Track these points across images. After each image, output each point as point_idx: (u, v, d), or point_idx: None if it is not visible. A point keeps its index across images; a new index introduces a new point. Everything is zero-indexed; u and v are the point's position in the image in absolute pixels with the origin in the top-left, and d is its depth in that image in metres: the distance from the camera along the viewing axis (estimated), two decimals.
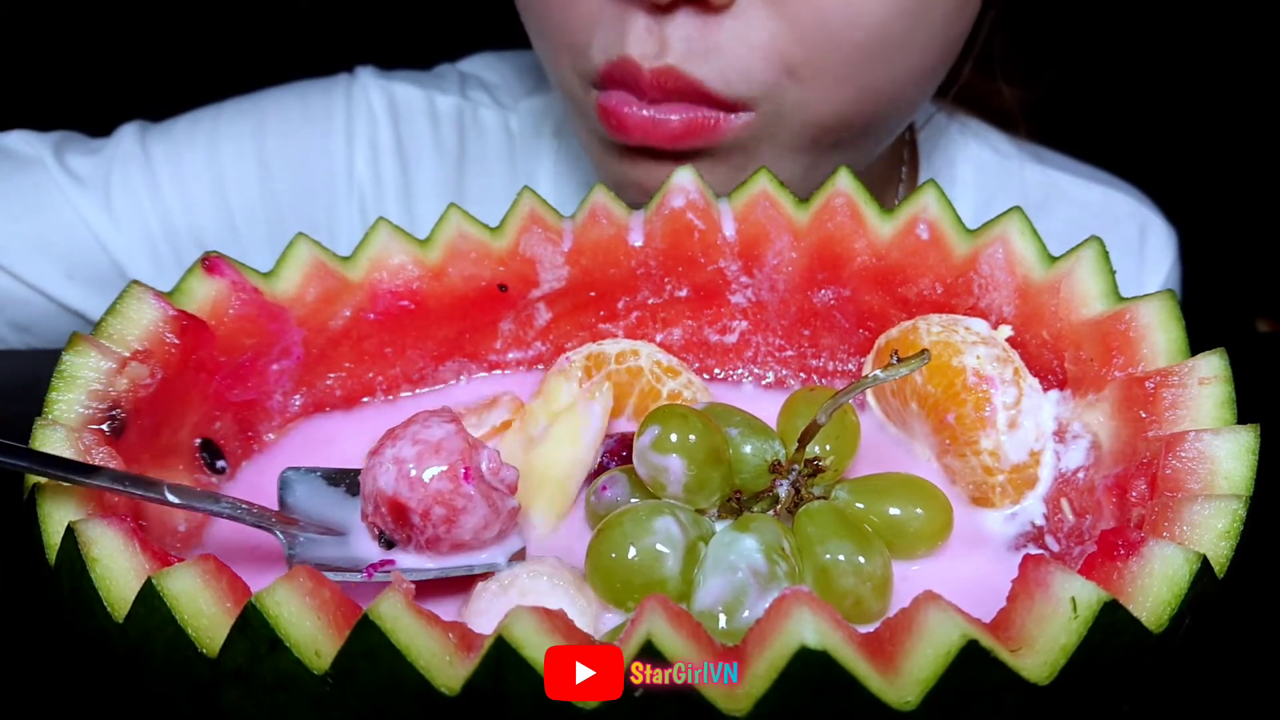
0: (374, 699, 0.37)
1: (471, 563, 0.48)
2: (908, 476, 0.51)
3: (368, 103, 0.95)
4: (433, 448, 0.47)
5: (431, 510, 0.46)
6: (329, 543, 0.48)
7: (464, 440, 0.48)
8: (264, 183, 0.92)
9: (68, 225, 0.88)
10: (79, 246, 0.88)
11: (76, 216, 0.88)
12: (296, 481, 0.51)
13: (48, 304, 0.88)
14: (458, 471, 0.46)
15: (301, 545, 0.47)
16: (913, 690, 0.35)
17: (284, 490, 0.50)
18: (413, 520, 0.46)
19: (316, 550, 0.47)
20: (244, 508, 0.47)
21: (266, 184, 0.92)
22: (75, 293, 0.88)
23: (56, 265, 0.88)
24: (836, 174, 0.59)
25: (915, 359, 0.47)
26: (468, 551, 0.48)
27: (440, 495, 0.46)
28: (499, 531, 0.48)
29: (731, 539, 0.45)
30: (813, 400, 0.53)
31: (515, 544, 0.50)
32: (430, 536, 0.47)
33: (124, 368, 0.49)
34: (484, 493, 0.47)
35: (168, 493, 0.45)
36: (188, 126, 0.93)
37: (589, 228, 0.60)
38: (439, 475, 0.46)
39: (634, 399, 0.58)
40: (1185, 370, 0.48)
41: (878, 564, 0.45)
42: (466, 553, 0.48)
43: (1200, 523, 0.42)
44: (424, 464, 0.46)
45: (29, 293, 0.87)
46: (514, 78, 1.01)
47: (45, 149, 0.89)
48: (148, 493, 0.45)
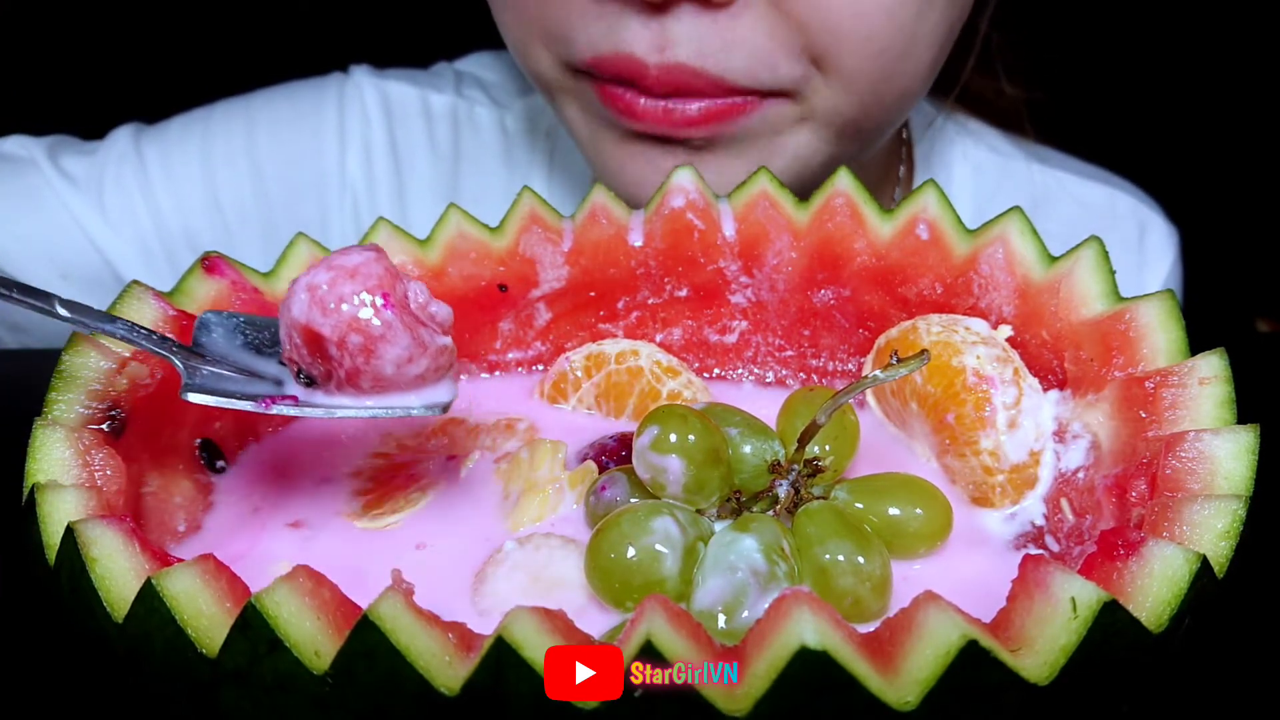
0: (374, 699, 0.37)
1: (397, 404, 0.45)
2: (907, 476, 0.51)
3: (361, 102, 0.95)
4: (348, 272, 0.44)
5: (348, 338, 0.43)
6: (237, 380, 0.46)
7: (383, 267, 0.44)
8: (256, 183, 0.92)
9: (62, 226, 0.88)
10: (73, 247, 0.88)
11: (70, 218, 0.88)
12: (215, 324, 0.48)
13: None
14: (375, 296, 0.43)
15: (204, 377, 0.45)
16: (912, 690, 0.35)
17: (200, 331, 0.48)
18: (329, 351, 0.43)
19: (219, 383, 0.45)
20: (141, 330, 0.45)
21: (259, 184, 0.92)
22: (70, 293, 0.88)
23: (51, 266, 0.88)
24: (836, 174, 0.59)
25: (915, 359, 0.47)
26: (394, 392, 0.45)
27: (356, 322, 0.43)
28: (428, 369, 0.45)
29: (731, 539, 0.45)
30: (812, 400, 0.53)
31: (445, 392, 0.46)
32: (350, 369, 0.44)
33: (124, 368, 0.49)
34: (407, 323, 0.44)
35: (58, 306, 0.44)
36: (180, 128, 0.93)
37: (589, 228, 0.60)
38: (354, 300, 0.43)
39: (634, 399, 0.58)
40: (1185, 370, 0.48)
41: (877, 564, 0.45)
42: (393, 393, 0.45)
43: (1200, 523, 0.42)
44: (338, 289, 0.43)
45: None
46: (511, 76, 1.01)
47: (39, 152, 0.89)
48: (37, 303, 0.44)
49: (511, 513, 0.52)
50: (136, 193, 0.90)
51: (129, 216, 0.89)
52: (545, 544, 0.49)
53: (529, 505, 0.51)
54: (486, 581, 0.47)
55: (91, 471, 0.45)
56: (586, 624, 0.39)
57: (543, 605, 0.37)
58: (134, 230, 0.90)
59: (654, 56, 0.66)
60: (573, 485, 0.52)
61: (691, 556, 0.45)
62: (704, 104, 0.68)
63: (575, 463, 0.54)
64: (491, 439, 0.57)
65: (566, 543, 0.49)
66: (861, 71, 0.68)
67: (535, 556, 0.48)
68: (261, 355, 0.48)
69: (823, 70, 0.68)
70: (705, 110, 0.68)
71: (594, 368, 0.59)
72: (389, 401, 0.45)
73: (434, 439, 0.58)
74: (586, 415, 0.59)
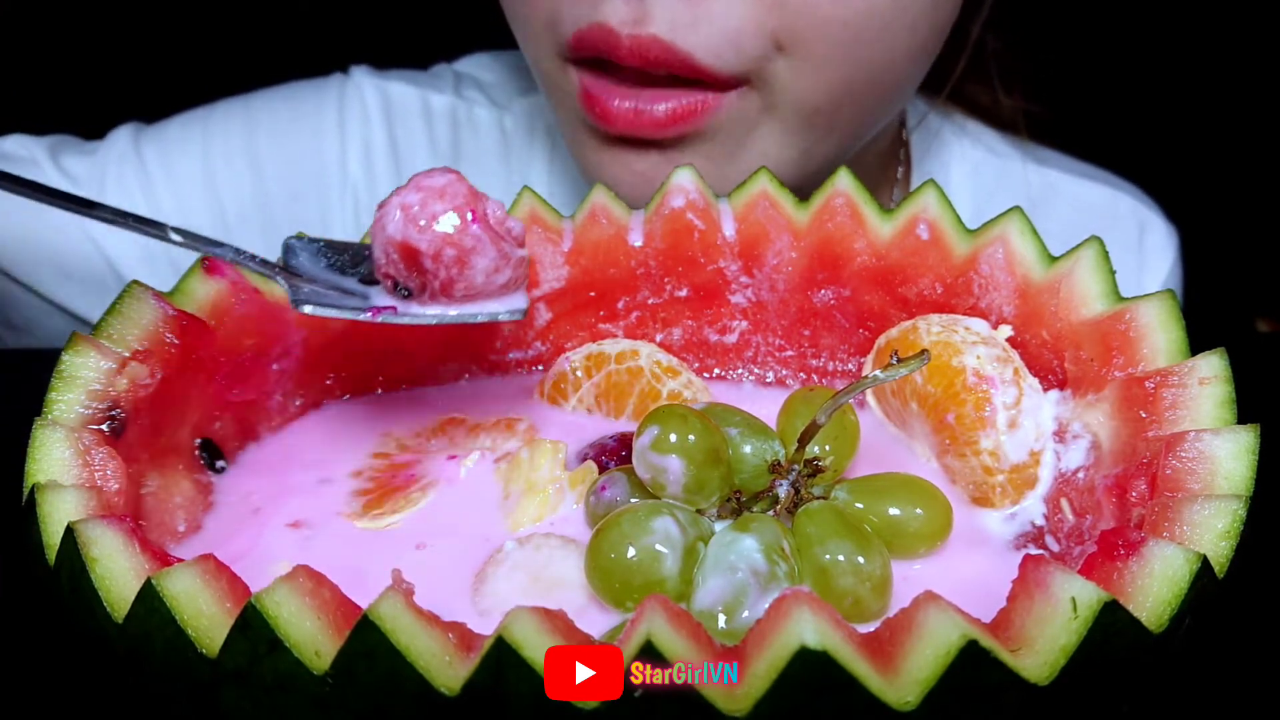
0: (374, 699, 0.37)
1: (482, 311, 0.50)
2: (908, 476, 0.51)
3: (361, 102, 0.95)
4: (437, 193, 0.48)
5: (442, 251, 0.48)
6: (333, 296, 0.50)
7: (466, 186, 0.49)
8: (256, 183, 0.92)
9: (63, 227, 0.88)
10: (74, 247, 0.88)
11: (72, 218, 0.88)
12: (300, 249, 0.52)
13: (43, 304, 0.88)
14: (465, 213, 0.48)
15: (306, 293, 0.49)
16: (912, 690, 0.35)
17: (288, 255, 0.51)
18: (425, 264, 0.48)
19: (320, 298, 0.49)
20: (248, 254, 0.48)
21: (259, 184, 0.92)
22: (71, 293, 0.88)
23: (52, 266, 0.88)
24: (836, 174, 0.59)
25: (915, 359, 0.47)
26: (482, 300, 0.49)
27: (449, 237, 0.47)
28: (510, 278, 0.50)
29: (731, 539, 0.45)
30: (812, 400, 0.53)
31: (521, 299, 0.51)
32: (445, 280, 0.48)
33: (124, 368, 0.49)
34: (491, 237, 0.48)
35: (171, 233, 0.47)
36: (180, 128, 0.93)
37: (589, 228, 0.60)
38: (446, 217, 0.47)
39: (634, 399, 0.58)
40: (1185, 370, 0.48)
41: (877, 564, 0.45)
42: (480, 300, 0.49)
43: (1200, 523, 0.42)
44: (429, 207, 0.48)
45: (24, 293, 0.88)
46: (510, 77, 1.01)
47: (40, 152, 0.89)
48: (150, 230, 0.46)
49: (512, 513, 0.52)
50: (138, 192, 0.90)
51: None
52: (545, 544, 0.49)
53: (529, 505, 0.51)
54: (487, 581, 0.47)
55: (91, 471, 0.46)
56: (586, 624, 0.39)
57: (543, 605, 0.38)
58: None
59: (628, 29, 0.67)
60: (573, 485, 0.52)
61: (692, 556, 0.45)
62: (670, 105, 0.70)
63: (575, 463, 0.54)
64: (491, 439, 0.57)
65: (566, 543, 0.49)
66: (832, 57, 0.69)
67: (535, 556, 0.48)
68: (345, 276, 0.52)
69: (788, 53, 0.68)
70: (671, 111, 0.70)
71: (594, 368, 0.59)
72: (476, 309, 0.50)
73: (434, 439, 0.58)
74: (586, 415, 0.59)
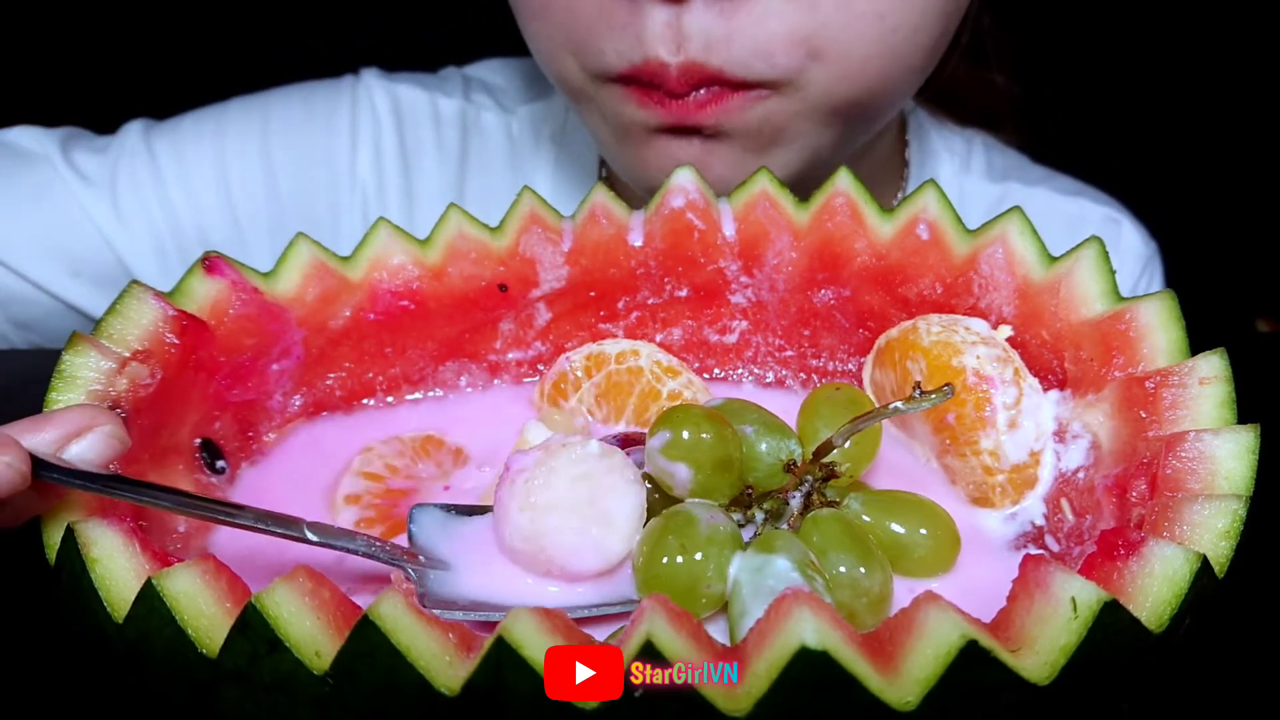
0: (374, 699, 0.37)
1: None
2: (921, 500, 0.50)
3: (372, 104, 0.95)
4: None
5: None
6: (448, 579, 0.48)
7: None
8: (268, 182, 0.92)
9: (73, 223, 0.88)
10: (84, 244, 0.88)
11: (82, 214, 0.88)
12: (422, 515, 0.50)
13: (52, 302, 0.88)
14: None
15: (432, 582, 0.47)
16: (913, 690, 0.35)
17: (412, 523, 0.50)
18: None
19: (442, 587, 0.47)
20: (378, 544, 0.47)
21: (270, 183, 0.92)
22: (80, 291, 0.88)
23: (61, 263, 0.88)
24: (836, 174, 0.59)
25: (939, 393, 0.46)
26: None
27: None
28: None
29: (761, 562, 0.44)
30: (837, 401, 0.52)
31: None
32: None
33: (124, 368, 0.49)
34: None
35: (307, 531, 0.45)
36: (193, 124, 0.93)
37: (589, 228, 0.60)
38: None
39: (634, 399, 0.58)
40: (1185, 370, 0.48)
41: (877, 580, 0.45)
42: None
43: (1200, 523, 0.42)
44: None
45: (33, 290, 0.87)
46: (519, 83, 1.01)
47: (52, 145, 0.89)
48: (288, 531, 0.45)
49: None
50: (149, 189, 0.89)
51: (141, 213, 0.89)
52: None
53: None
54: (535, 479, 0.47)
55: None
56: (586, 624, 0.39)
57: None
58: (147, 227, 0.89)
59: (673, 56, 0.66)
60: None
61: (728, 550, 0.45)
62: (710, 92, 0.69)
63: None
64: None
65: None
66: (872, 55, 0.68)
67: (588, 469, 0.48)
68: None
69: (822, 60, 0.68)
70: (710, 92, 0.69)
71: (594, 368, 0.59)
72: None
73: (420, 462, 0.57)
74: (586, 416, 0.59)
